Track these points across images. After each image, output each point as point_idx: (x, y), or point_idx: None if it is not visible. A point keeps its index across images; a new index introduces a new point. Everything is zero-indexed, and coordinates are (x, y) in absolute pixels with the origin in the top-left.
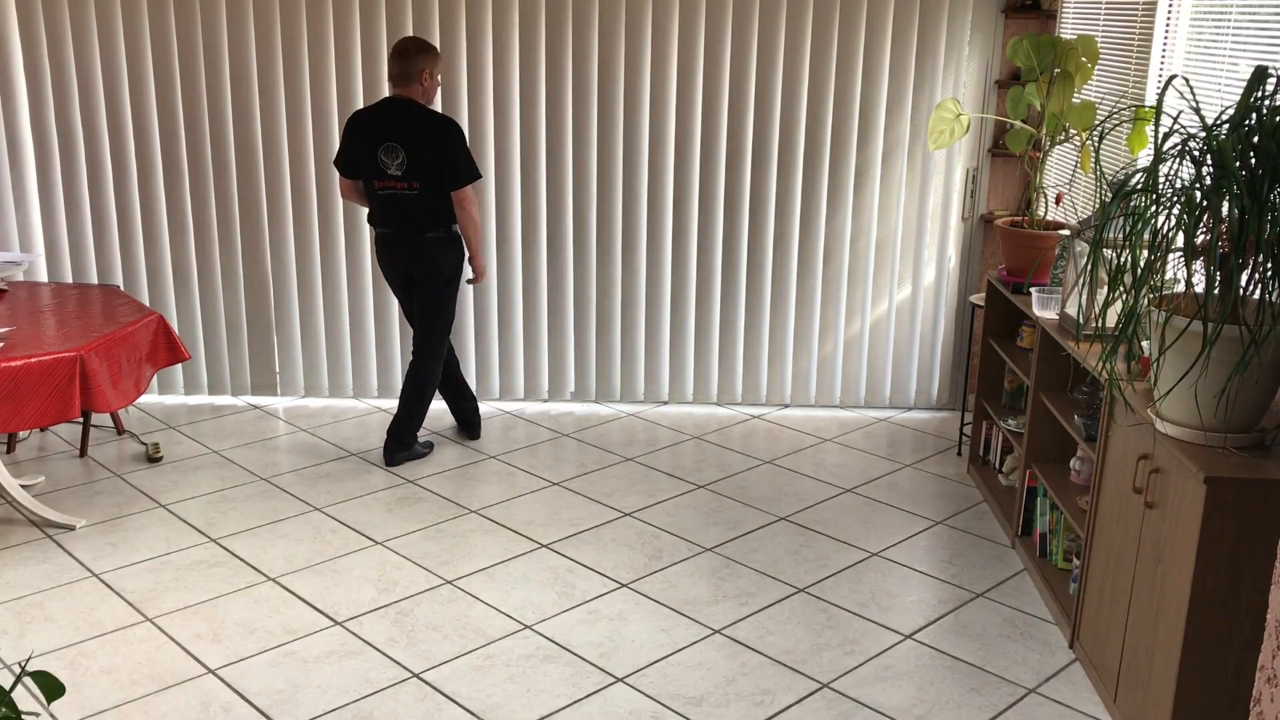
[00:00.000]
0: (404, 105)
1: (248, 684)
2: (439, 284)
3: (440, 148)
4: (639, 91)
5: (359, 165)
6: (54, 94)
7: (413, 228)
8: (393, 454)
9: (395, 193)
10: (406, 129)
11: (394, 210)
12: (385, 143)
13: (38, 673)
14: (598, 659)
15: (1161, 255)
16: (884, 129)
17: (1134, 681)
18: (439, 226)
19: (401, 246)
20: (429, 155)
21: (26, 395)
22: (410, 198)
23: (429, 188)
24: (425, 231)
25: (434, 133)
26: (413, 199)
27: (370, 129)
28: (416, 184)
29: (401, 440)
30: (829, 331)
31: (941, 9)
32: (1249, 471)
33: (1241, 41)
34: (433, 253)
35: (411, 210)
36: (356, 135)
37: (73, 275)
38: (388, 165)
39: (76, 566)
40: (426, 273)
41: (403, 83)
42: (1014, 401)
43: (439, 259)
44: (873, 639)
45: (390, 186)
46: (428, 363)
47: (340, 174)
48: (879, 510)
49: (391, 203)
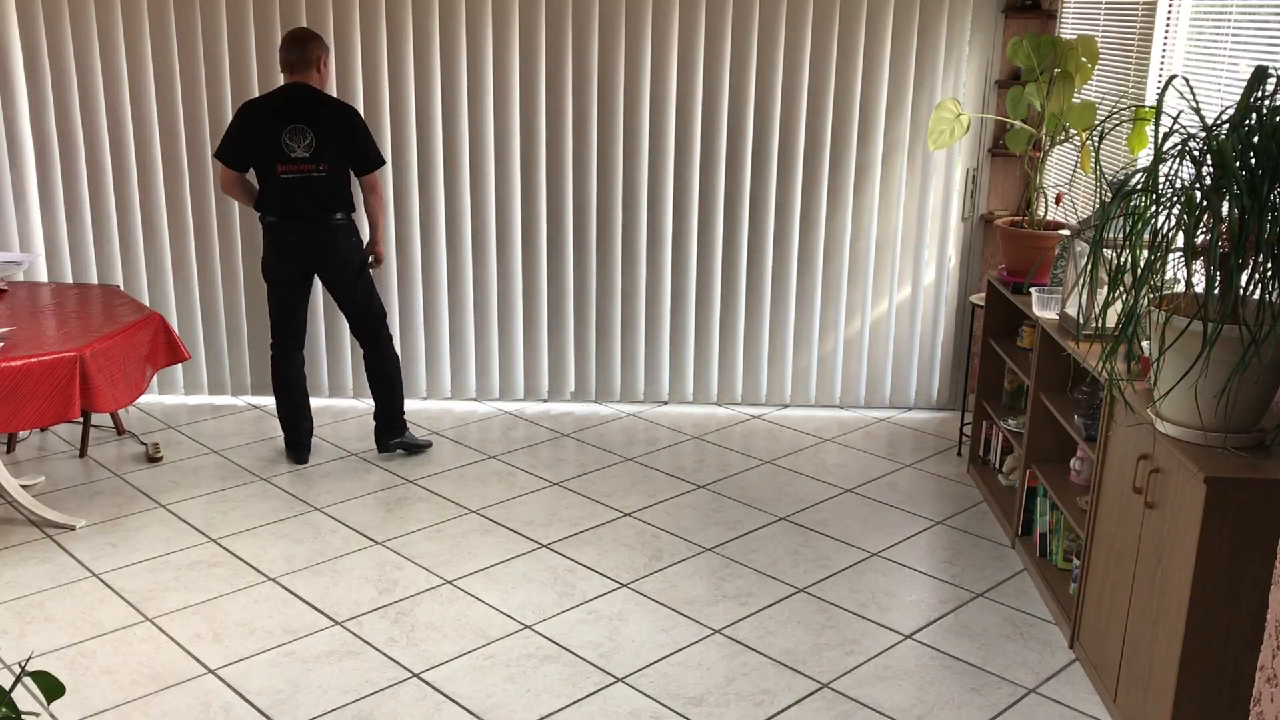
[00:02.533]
0: (306, 90)
1: (248, 684)
2: (354, 270)
3: (350, 132)
4: (639, 91)
5: (254, 152)
6: (54, 94)
7: (317, 211)
8: (385, 440)
9: (302, 175)
10: (314, 113)
11: (299, 194)
12: (290, 125)
13: (38, 673)
14: (598, 659)
15: (1161, 255)
16: (884, 129)
17: (1134, 681)
18: (342, 212)
19: (304, 235)
20: (339, 139)
21: (26, 395)
22: (318, 180)
23: (335, 171)
24: (330, 216)
25: (343, 118)
26: (320, 181)
27: (273, 114)
28: (324, 166)
29: (390, 428)
30: (829, 331)
31: (941, 9)
32: (1249, 471)
33: (1241, 41)
34: (339, 240)
35: (318, 193)
36: (253, 122)
37: (73, 275)
38: (293, 148)
39: (76, 566)
40: (339, 263)
41: (300, 69)
42: (1014, 401)
43: (346, 246)
44: (873, 639)
45: (296, 170)
46: (380, 347)
47: (225, 166)
48: (879, 510)
49: (297, 186)
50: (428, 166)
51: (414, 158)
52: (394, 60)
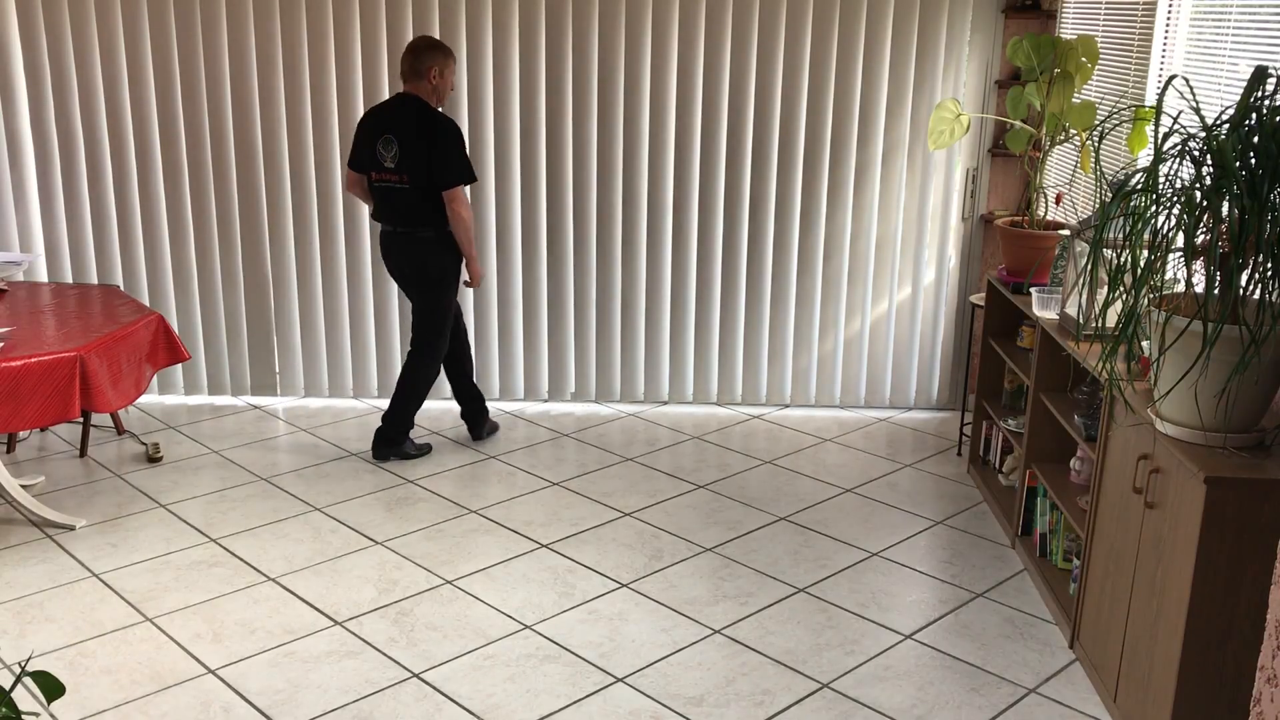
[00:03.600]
0: (407, 100)
1: (248, 684)
2: (426, 284)
3: (431, 143)
4: (639, 91)
5: (363, 157)
6: (54, 94)
7: (404, 223)
8: (379, 450)
9: (388, 185)
10: (403, 122)
11: (387, 204)
12: (384, 134)
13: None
14: (598, 659)
15: (1161, 255)
16: (884, 129)
17: (1134, 681)
18: (429, 225)
19: (389, 241)
20: (420, 149)
21: (26, 395)
22: (400, 191)
23: (418, 183)
24: (416, 229)
25: (428, 128)
26: (402, 193)
27: (375, 121)
28: (406, 178)
29: (389, 437)
30: (829, 331)
31: (941, 9)
32: (1249, 471)
33: (1241, 41)
34: (421, 252)
35: (401, 205)
36: (364, 127)
37: (73, 275)
38: (384, 158)
39: (76, 566)
40: (415, 271)
41: (411, 79)
42: (1014, 401)
43: (426, 258)
44: (873, 639)
45: (384, 179)
46: (417, 359)
47: (348, 167)
48: (879, 510)
49: (385, 196)
50: None
51: None
52: (394, 59)
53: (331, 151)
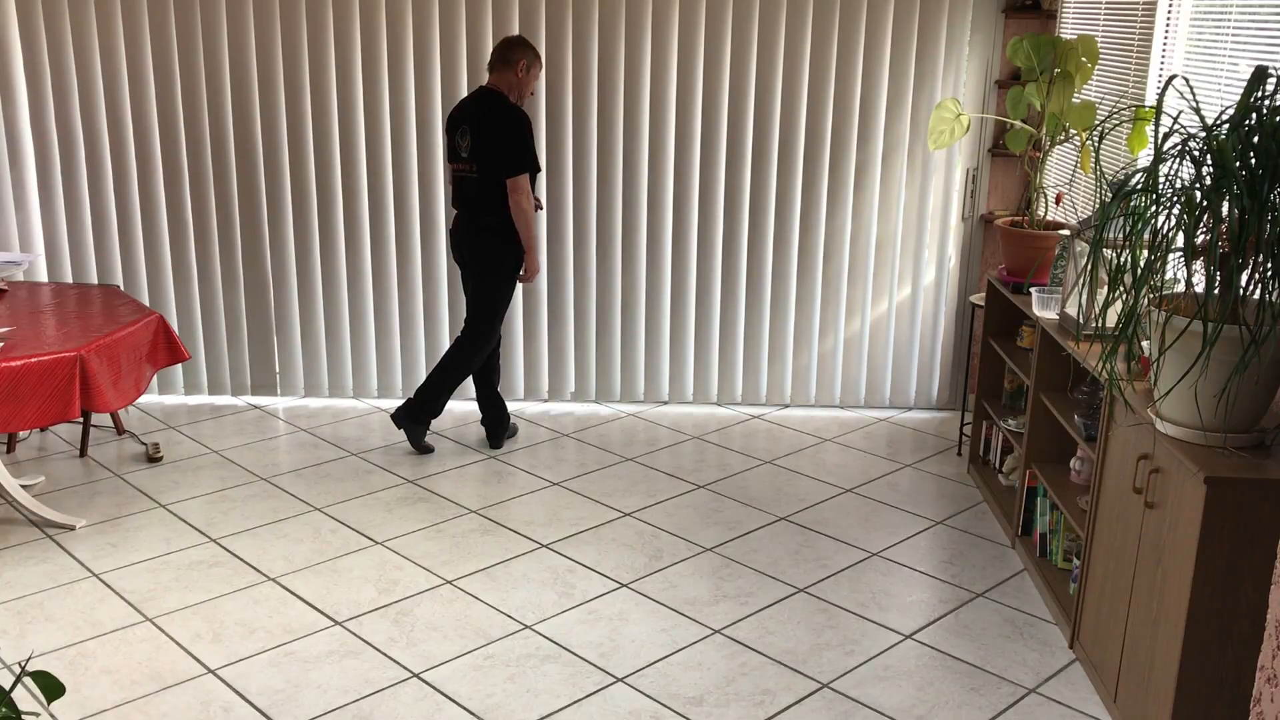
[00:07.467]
0: (486, 94)
1: (248, 684)
2: (482, 271)
3: (499, 132)
4: (639, 91)
5: (448, 149)
6: (54, 94)
7: (472, 212)
8: (401, 418)
9: (462, 175)
10: (477, 113)
11: (460, 193)
12: (461, 125)
13: (38, 673)
14: (598, 659)
15: (1161, 255)
16: (884, 129)
17: (1134, 681)
18: (495, 215)
19: (457, 227)
20: (490, 139)
21: (26, 395)
22: (471, 181)
23: (486, 173)
24: (481, 217)
25: (498, 118)
26: (473, 182)
27: (456, 114)
28: (475, 167)
29: (414, 411)
30: (829, 331)
31: (941, 9)
32: (1249, 471)
33: (1241, 41)
34: (483, 240)
35: (472, 194)
36: (449, 120)
37: (73, 275)
38: (461, 148)
39: (76, 566)
40: (475, 259)
41: (499, 67)
42: (1014, 401)
43: (486, 247)
44: (873, 639)
45: (459, 169)
46: (464, 340)
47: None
48: (879, 510)
49: (459, 185)
50: (428, 167)
51: (414, 159)
52: (394, 60)
53: (329, 152)
